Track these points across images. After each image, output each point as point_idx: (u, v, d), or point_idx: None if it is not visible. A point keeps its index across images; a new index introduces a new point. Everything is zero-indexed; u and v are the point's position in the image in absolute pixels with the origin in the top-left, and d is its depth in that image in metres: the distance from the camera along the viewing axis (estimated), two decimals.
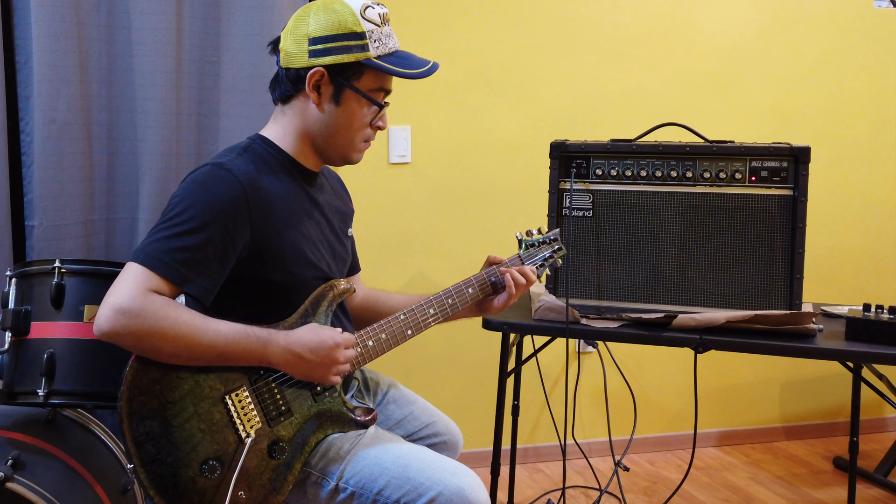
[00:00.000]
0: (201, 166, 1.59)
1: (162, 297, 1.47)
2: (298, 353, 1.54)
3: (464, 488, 1.54)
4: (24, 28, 2.16)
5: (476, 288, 1.78)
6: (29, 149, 2.19)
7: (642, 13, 3.06)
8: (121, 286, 1.46)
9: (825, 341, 1.99)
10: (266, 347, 1.52)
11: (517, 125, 2.99)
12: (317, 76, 1.60)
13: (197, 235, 1.49)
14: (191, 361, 1.50)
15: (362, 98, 1.62)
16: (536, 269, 1.85)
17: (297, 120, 1.66)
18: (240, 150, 1.63)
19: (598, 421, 3.13)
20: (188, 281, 1.49)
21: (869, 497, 2.88)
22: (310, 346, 1.54)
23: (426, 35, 2.86)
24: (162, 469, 1.48)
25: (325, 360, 1.55)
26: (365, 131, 1.67)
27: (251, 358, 1.52)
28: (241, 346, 1.50)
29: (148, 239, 1.51)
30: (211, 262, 1.51)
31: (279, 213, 1.59)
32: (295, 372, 1.56)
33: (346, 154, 1.68)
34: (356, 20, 1.59)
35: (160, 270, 1.47)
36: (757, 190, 2.07)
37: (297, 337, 1.55)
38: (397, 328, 1.69)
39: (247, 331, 1.51)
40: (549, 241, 1.90)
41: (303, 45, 1.60)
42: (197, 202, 1.51)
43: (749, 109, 3.19)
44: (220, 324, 1.50)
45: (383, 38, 1.62)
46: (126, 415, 1.47)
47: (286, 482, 1.57)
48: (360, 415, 1.64)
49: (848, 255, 3.35)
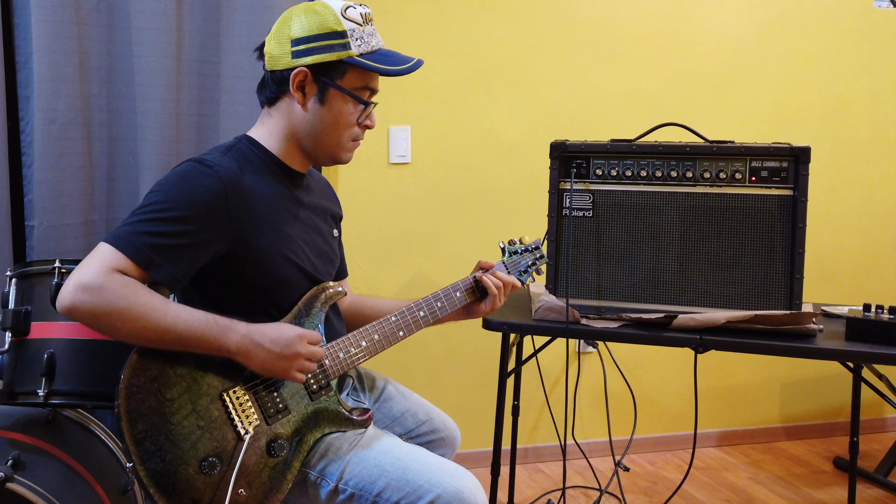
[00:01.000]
0: (184, 161, 1.60)
1: (124, 276, 1.46)
2: (258, 341, 1.51)
3: (462, 491, 1.54)
4: (24, 28, 2.16)
5: (463, 292, 1.80)
6: (29, 149, 2.19)
7: (642, 13, 3.06)
8: (87, 264, 1.46)
9: (825, 341, 1.99)
10: (225, 334, 1.50)
11: (517, 125, 2.99)
12: (300, 76, 1.61)
13: (171, 225, 1.49)
14: (149, 343, 1.49)
15: (347, 96, 1.63)
16: (521, 275, 1.89)
17: (284, 121, 1.66)
18: (224, 148, 1.64)
19: (598, 421, 3.13)
20: (154, 266, 1.48)
21: (869, 497, 2.88)
22: (270, 335, 1.52)
23: (426, 35, 2.86)
24: (162, 467, 1.48)
25: (285, 352, 1.52)
26: (352, 130, 1.67)
27: (209, 344, 1.50)
28: (199, 331, 1.48)
29: (122, 223, 1.51)
30: (181, 251, 1.51)
31: (261, 213, 1.60)
32: (253, 363, 1.52)
33: (335, 153, 1.69)
34: (337, 20, 1.60)
35: (128, 252, 1.47)
36: (757, 190, 2.07)
37: (258, 327, 1.53)
38: (389, 329, 1.70)
39: (207, 317, 1.50)
40: (530, 249, 1.92)
41: (286, 46, 1.61)
42: (175, 195, 1.52)
43: (749, 109, 3.19)
44: (182, 308, 1.50)
45: (365, 37, 1.63)
46: (124, 413, 1.47)
47: (285, 481, 1.57)
48: (356, 415, 1.64)
49: (848, 255, 3.35)
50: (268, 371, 1.54)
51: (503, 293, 1.82)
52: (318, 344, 1.59)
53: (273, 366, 1.53)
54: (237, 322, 1.53)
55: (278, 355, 1.52)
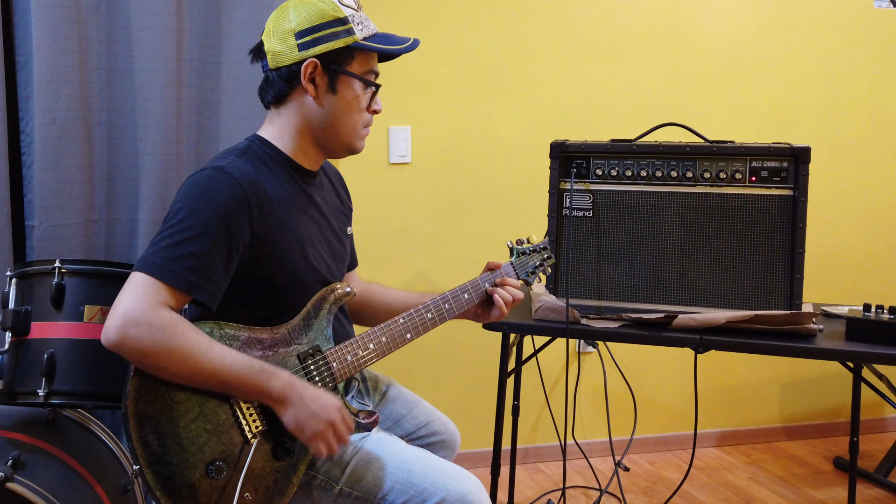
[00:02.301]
0: (201, 170, 1.58)
1: (173, 313, 1.45)
2: (300, 392, 1.51)
3: (467, 494, 1.55)
4: (24, 28, 2.16)
5: (471, 293, 1.79)
6: (29, 149, 2.19)
7: (642, 13, 3.06)
8: (130, 297, 1.44)
9: (825, 341, 1.99)
10: (269, 379, 1.49)
11: (517, 125, 2.99)
12: (311, 67, 1.60)
13: (201, 241, 1.48)
14: (190, 383, 1.48)
15: (358, 81, 1.63)
16: (528, 276, 1.88)
17: (296, 118, 1.65)
18: (239, 151, 1.62)
19: (598, 421, 3.13)
20: (196, 287, 1.48)
21: (869, 497, 2.88)
22: (311, 393, 1.52)
23: (426, 35, 2.86)
24: (168, 470, 1.48)
25: (320, 414, 1.51)
26: (364, 116, 1.67)
27: (251, 388, 1.49)
28: (245, 375, 1.48)
29: (152, 248, 1.49)
30: (217, 267, 1.50)
31: (278, 215, 1.59)
32: (288, 413, 1.50)
33: (350, 142, 1.68)
34: (336, 7, 1.61)
35: (168, 279, 1.46)
36: (757, 190, 2.07)
37: (302, 381, 1.53)
38: (397, 332, 1.69)
39: (252, 361, 1.49)
40: (538, 249, 1.91)
41: (289, 41, 1.60)
42: (199, 208, 1.50)
43: (749, 109, 3.19)
44: (226, 350, 1.48)
45: (364, 21, 1.64)
46: (132, 415, 1.46)
47: (291, 484, 1.57)
48: (363, 418, 1.63)
49: (848, 255, 3.35)
50: (298, 426, 1.51)
51: (511, 305, 1.81)
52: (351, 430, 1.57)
53: (306, 422, 1.51)
54: (280, 369, 1.52)
55: (313, 414, 1.50)
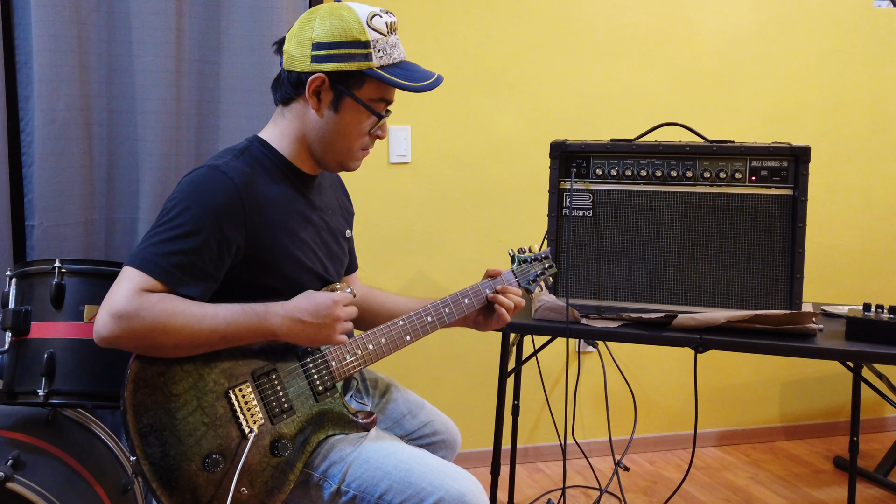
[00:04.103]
0: (198, 168, 1.58)
1: (156, 293, 1.47)
2: (299, 318, 1.53)
3: (465, 494, 1.54)
4: (24, 28, 2.16)
5: (472, 298, 1.78)
6: (29, 149, 2.19)
7: (642, 13, 3.06)
8: (116, 291, 1.46)
9: (825, 341, 1.99)
10: (266, 319, 1.52)
11: (517, 125, 2.99)
12: (317, 82, 1.59)
13: (192, 239, 1.49)
14: (194, 350, 1.50)
15: (362, 107, 1.61)
16: (529, 284, 1.87)
17: (296, 123, 1.65)
18: (237, 151, 1.63)
19: (598, 421, 3.13)
20: (183, 284, 1.49)
21: (869, 497, 2.88)
22: (308, 309, 1.54)
23: (426, 35, 2.86)
24: (165, 462, 1.48)
25: (326, 321, 1.54)
26: (362, 140, 1.65)
27: (254, 332, 1.52)
28: (242, 323, 1.50)
29: (144, 243, 1.51)
30: (206, 266, 1.51)
31: (274, 217, 1.59)
32: (300, 338, 1.55)
33: (343, 161, 1.68)
34: (362, 28, 1.58)
35: (155, 274, 1.47)
36: (757, 190, 2.07)
37: (294, 304, 1.55)
38: (396, 333, 1.69)
39: (244, 308, 1.51)
40: (540, 258, 1.91)
41: (306, 49, 1.59)
42: (192, 205, 1.51)
43: (749, 109, 3.20)
44: (217, 307, 1.50)
45: (388, 48, 1.60)
46: (130, 406, 1.47)
47: (287, 481, 1.57)
48: (361, 418, 1.64)
49: (848, 255, 3.35)
50: (314, 343, 1.57)
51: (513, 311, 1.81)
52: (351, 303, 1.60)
53: (317, 337, 1.55)
54: (270, 304, 1.54)
55: (321, 325, 1.54)
